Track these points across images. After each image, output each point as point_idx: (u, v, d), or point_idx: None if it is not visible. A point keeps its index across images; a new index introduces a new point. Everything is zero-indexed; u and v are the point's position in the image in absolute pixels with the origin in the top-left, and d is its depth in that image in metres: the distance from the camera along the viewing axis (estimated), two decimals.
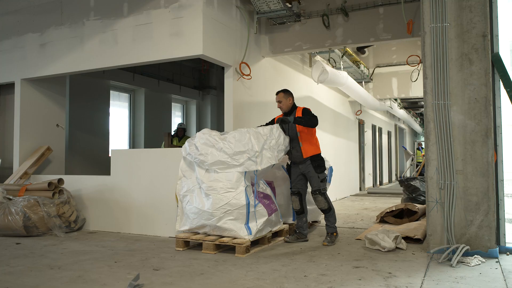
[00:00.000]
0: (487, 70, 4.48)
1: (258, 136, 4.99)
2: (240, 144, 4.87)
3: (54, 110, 7.77)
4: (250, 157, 4.84)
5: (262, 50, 7.35)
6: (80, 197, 6.60)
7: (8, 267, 4.19)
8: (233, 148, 4.86)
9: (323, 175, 5.36)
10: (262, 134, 5.05)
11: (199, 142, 5.00)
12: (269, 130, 5.14)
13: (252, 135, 4.96)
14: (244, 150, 4.85)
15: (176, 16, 5.89)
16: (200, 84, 13.31)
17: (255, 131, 5.07)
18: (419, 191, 7.82)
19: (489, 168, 4.43)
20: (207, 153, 4.92)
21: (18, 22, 7.40)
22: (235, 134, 5.00)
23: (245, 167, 4.84)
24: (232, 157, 4.85)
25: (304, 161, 5.35)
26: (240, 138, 4.93)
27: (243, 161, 4.84)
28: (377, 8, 6.62)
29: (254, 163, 4.87)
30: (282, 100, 5.46)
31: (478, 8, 4.52)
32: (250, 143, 4.88)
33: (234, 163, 4.85)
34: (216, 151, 4.90)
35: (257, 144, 4.91)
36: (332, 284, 3.55)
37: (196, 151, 4.98)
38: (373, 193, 13.22)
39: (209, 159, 4.89)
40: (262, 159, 4.92)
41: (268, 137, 5.06)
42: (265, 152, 4.97)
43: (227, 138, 4.97)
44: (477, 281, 3.59)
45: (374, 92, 12.15)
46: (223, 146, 4.90)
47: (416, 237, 5.18)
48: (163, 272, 3.97)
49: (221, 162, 4.87)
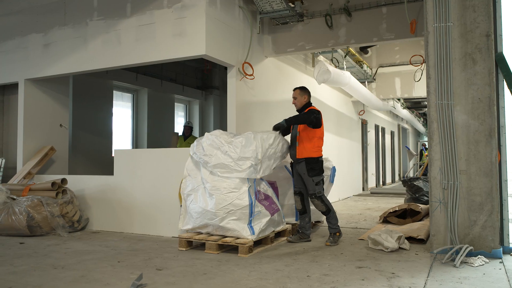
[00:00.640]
0: (491, 70, 4.46)
1: (263, 144, 4.98)
2: (246, 150, 4.87)
3: (57, 110, 7.79)
4: (254, 164, 4.85)
5: (265, 50, 7.35)
6: (83, 197, 6.61)
7: (11, 266, 4.21)
8: (239, 153, 4.87)
9: (318, 178, 5.27)
10: (267, 143, 5.03)
11: (206, 142, 5.04)
12: (273, 139, 5.10)
13: (258, 142, 4.94)
14: (249, 157, 4.85)
15: (179, 16, 5.89)
16: (203, 84, 13.32)
17: (261, 137, 5.03)
18: (422, 191, 7.80)
19: (493, 168, 4.42)
20: (211, 154, 4.93)
21: (21, 22, 7.42)
22: (242, 139, 4.98)
23: (247, 174, 4.85)
24: (236, 162, 4.85)
25: (298, 161, 5.32)
26: (247, 144, 4.92)
27: (245, 167, 4.84)
28: (380, 8, 6.61)
29: (255, 171, 4.88)
30: (298, 97, 5.50)
31: (481, 8, 4.51)
32: (255, 151, 4.88)
33: (237, 168, 4.85)
34: (221, 154, 4.91)
35: (261, 152, 4.91)
36: (335, 284, 3.54)
37: (201, 151, 5.01)
38: (376, 193, 13.20)
39: (212, 160, 4.90)
40: (261, 167, 4.94)
41: (270, 146, 5.04)
42: (264, 160, 4.97)
43: (233, 142, 4.97)
44: (481, 282, 3.58)
45: (377, 92, 12.12)
46: (228, 149, 4.90)
47: (419, 237, 5.17)
48: (166, 272, 3.97)
49: (224, 165, 4.87)
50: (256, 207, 4.89)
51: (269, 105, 7.46)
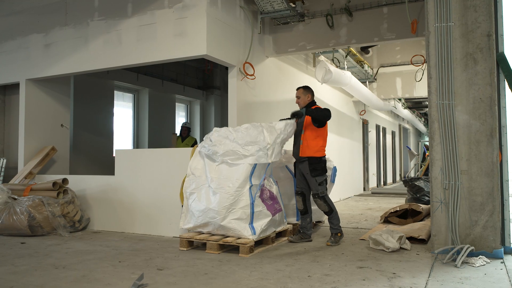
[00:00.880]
0: (492, 70, 4.46)
1: (271, 129, 5.06)
2: (252, 134, 4.95)
3: (58, 110, 7.80)
4: (261, 148, 4.87)
5: (266, 50, 7.35)
6: (84, 197, 6.62)
7: (13, 266, 4.21)
8: (245, 138, 4.93)
9: (321, 178, 5.28)
10: (276, 129, 5.10)
11: (214, 135, 5.15)
12: (283, 125, 5.16)
13: (265, 128, 5.03)
14: (255, 141, 4.90)
15: (180, 16, 5.90)
16: (204, 84, 13.32)
17: (269, 125, 5.14)
18: (424, 191, 7.80)
19: (494, 168, 4.41)
20: (220, 143, 5.01)
21: (23, 22, 7.43)
22: (248, 125, 5.12)
23: (256, 158, 4.87)
24: (243, 147, 4.90)
25: (301, 160, 5.33)
26: (253, 129, 5.02)
27: (253, 151, 4.87)
28: (381, 8, 6.61)
29: (265, 155, 4.88)
30: (301, 96, 5.54)
31: (482, 8, 4.50)
32: (262, 135, 4.94)
33: (244, 153, 4.89)
34: (229, 141, 4.99)
35: (270, 137, 4.95)
36: (336, 285, 3.54)
37: (210, 143, 5.10)
38: (377, 193, 13.19)
39: (221, 149, 4.97)
40: (273, 152, 4.96)
41: (282, 132, 5.10)
42: (276, 147, 5.01)
43: (239, 129, 5.07)
44: (482, 282, 3.58)
45: (378, 92, 12.12)
46: (236, 136, 4.99)
47: (420, 237, 5.17)
48: (167, 272, 3.97)
49: (232, 152, 4.92)
50: (257, 206, 4.89)
51: (270, 105, 7.46)
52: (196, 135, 13.11)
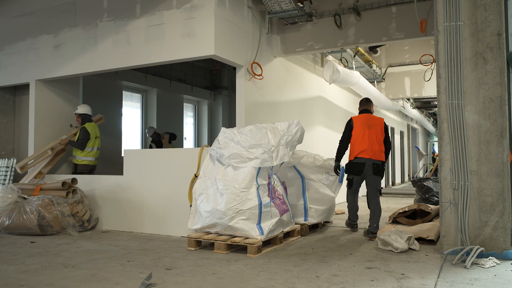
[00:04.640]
0: (502, 69, 4.41)
1: (275, 131, 5.03)
2: (256, 137, 4.92)
3: (67, 111, 7.86)
4: (266, 151, 4.85)
5: (274, 50, 7.35)
6: (93, 196, 6.66)
7: (23, 265, 4.25)
8: (249, 141, 4.91)
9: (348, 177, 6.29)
10: (279, 130, 5.08)
11: (221, 136, 5.14)
12: (286, 126, 5.15)
13: (268, 130, 5.00)
14: (259, 144, 4.87)
15: (188, 16, 5.91)
16: (212, 84, 13.36)
17: (272, 126, 5.12)
18: (432, 191, 7.74)
19: (504, 168, 4.37)
20: (226, 146, 5.00)
21: (33, 23, 7.50)
22: (252, 127, 5.07)
23: (260, 161, 4.84)
24: (247, 150, 4.88)
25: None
26: (256, 131, 4.98)
27: (258, 154, 4.84)
28: (390, 7, 6.57)
29: (270, 157, 4.86)
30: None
31: (493, 6, 4.46)
32: (266, 138, 4.90)
33: (249, 156, 4.87)
34: (234, 144, 4.97)
35: (274, 139, 4.93)
36: (344, 285, 3.53)
37: (217, 145, 5.10)
38: (386, 193, 13.11)
39: (227, 151, 4.96)
40: (277, 154, 4.93)
41: (285, 133, 5.08)
42: (281, 148, 4.99)
43: (243, 131, 5.04)
44: (492, 283, 3.54)
45: (387, 91, 12.06)
46: (240, 139, 4.97)
47: (429, 238, 5.13)
48: (175, 271, 3.99)
49: (237, 155, 4.91)
50: (266, 207, 4.88)
51: (278, 105, 7.46)
52: (204, 135, 13.16)
